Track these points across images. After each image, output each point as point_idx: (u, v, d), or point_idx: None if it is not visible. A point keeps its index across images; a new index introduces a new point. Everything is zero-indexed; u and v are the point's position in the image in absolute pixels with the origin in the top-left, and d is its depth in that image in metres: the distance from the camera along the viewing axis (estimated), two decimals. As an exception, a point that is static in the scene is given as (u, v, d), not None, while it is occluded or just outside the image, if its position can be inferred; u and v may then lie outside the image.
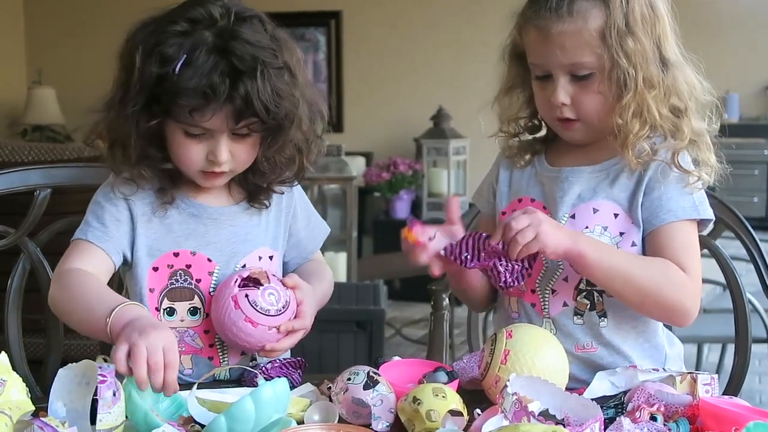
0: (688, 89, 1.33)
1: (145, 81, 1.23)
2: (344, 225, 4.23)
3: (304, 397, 1.22)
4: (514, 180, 1.45)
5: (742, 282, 1.55)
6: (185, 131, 1.27)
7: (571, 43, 1.28)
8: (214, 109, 1.23)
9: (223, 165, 1.29)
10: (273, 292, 1.29)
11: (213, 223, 1.37)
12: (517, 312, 1.41)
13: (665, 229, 1.32)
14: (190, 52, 1.21)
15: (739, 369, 1.54)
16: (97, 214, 1.34)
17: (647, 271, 1.27)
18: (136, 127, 1.26)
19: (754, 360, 1.58)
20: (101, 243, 1.31)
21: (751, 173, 7.14)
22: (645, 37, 1.29)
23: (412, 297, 4.69)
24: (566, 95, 1.32)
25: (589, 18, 1.28)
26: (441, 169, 5.35)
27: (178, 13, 1.26)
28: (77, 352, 2.70)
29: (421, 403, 1.10)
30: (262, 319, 1.27)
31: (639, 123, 1.30)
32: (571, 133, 1.37)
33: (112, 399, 1.05)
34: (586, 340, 1.35)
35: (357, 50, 5.89)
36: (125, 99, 1.26)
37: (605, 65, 1.29)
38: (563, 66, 1.30)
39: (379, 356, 3.17)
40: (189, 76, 1.21)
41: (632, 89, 1.28)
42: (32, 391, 1.22)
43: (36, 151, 2.78)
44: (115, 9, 6.17)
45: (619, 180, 1.35)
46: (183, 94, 1.21)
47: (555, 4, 1.29)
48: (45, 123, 6.23)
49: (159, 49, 1.23)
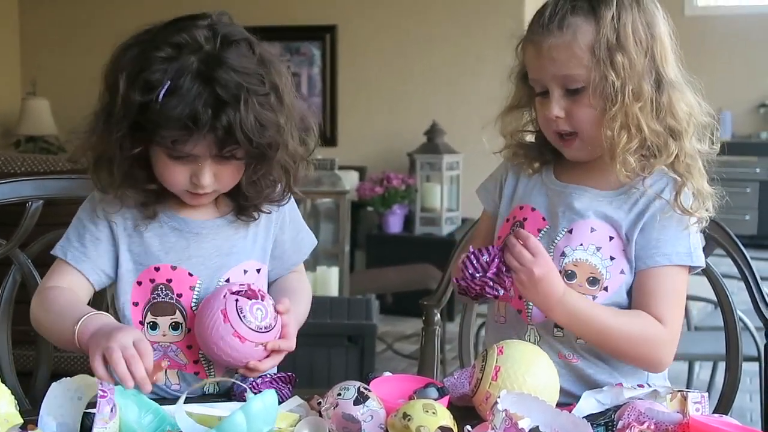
0: (687, 111, 1.34)
1: (129, 108, 1.22)
2: (337, 239, 4.23)
3: (294, 412, 1.22)
4: (519, 186, 1.47)
5: (733, 300, 1.56)
6: (168, 154, 1.27)
7: (560, 55, 1.32)
8: (196, 139, 1.23)
9: (206, 188, 1.29)
10: (261, 308, 1.28)
11: (195, 237, 1.36)
12: (504, 317, 1.44)
13: (656, 271, 1.34)
14: (174, 79, 1.20)
15: (729, 387, 1.54)
16: (79, 232, 1.35)
17: (623, 332, 1.32)
18: (120, 150, 1.26)
19: (745, 378, 1.58)
20: (78, 264, 1.34)
21: (743, 191, 7.17)
22: (637, 54, 1.32)
23: (404, 312, 4.69)
24: (560, 109, 1.34)
25: (578, 32, 1.31)
26: (434, 184, 5.35)
27: (162, 37, 1.24)
28: (67, 364, 2.69)
29: (412, 419, 1.09)
30: (251, 335, 1.26)
31: (627, 135, 1.32)
32: (571, 151, 1.39)
33: (109, 415, 1.05)
34: (567, 351, 1.37)
35: (351, 64, 5.90)
36: (109, 124, 1.25)
37: (594, 79, 1.31)
38: (556, 78, 1.33)
39: (370, 371, 3.17)
40: (173, 105, 1.19)
41: (619, 101, 1.31)
42: (21, 404, 1.22)
43: (29, 162, 2.77)
44: (110, 22, 6.18)
45: (622, 208, 1.37)
46: (165, 125, 1.21)
47: (547, 20, 1.33)
48: (38, 134, 6.22)
49: (143, 75, 1.21)
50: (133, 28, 1.31)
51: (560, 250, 1.37)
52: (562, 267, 1.36)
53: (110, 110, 1.25)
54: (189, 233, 1.36)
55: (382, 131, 5.85)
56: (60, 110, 6.15)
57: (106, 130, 1.26)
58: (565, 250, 1.37)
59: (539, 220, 1.41)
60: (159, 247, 1.35)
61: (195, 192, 1.30)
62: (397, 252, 5.11)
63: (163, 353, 1.35)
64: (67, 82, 6.33)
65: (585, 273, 1.36)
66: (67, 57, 6.37)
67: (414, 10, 5.73)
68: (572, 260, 1.36)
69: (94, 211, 1.35)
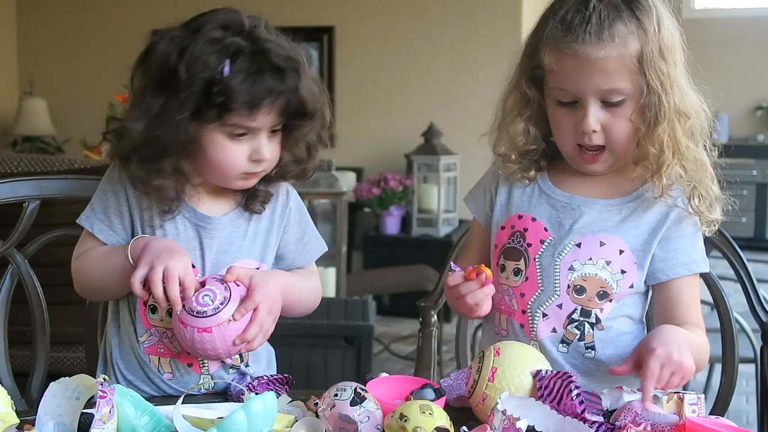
0: (696, 118, 1.33)
1: (194, 87, 1.24)
2: (334, 240, 4.22)
3: (290, 412, 1.21)
4: (515, 193, 1.43)
5: (729, 302, 1.56)
6: (229, 134, 1.29)
7: (614, 68, 1.26)
8: (268, 104, 1.26)
9: (268, 160, 1.32)
10: (207, 293, 1.25)
11: (202, 230, 1.36)
12: (506, 330, 1.41)
13: (679, 282, 1.35)
14: (233, 55, 1.25)
15: (725, 389, 1.55)
16: (103, 204, 1.36)
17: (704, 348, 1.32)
18: (177, 136, 1.27)
19: (741, 380, 1.58)
20: (105, 237, 1.35)
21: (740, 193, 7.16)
22: (672, 65, 1.29)
23: (401, 313, 4.69)
24: (597, 122, 1.29)
25: (628, 42, 1.26)
26: (432, 185, 5.35)
27: (207, 21, 1.28)
28: (63, 364, 2.69)
29: (408, 420, 1.09)
30: (213, 320, 1.23)
31: (671, 152, 1.30)
32: (595, 165, 1.35)
33: (108, 415, 1.05)
34: (567, 368, 1.35)
35: (349, 66, 5.90)
36: (169, 107, 1.26)
37: (639, 91, 1.28)
38: (598, 91, 1.28)
39: (367, 372, 3.17)
40: (239, 78, 1.24)
41: (665, 117, 1.28)
42: (17, 404, 1.21)
43: (26, 162, 2.77)
44: (108, 23, 6.18)
45: (631, 219, 1.35)
46: (234, 98, 1.24)
47: (594, 28, 1.25)
48: (35, 134, 6.21)
49: (200, 56, 1.25)
50: (130, 28, 1.32)
51: (568, 264, 1.35)
52: (570, 281, 1.35)
53: (170, 94, 1.26)
54: (197, 225, 1.36)
55: (379, 132, 5.85)
56: (57, 110, 6.14)
57: (166, 112, 1.26)
58: (573, 264, 1.35)
59: (541, 231, 1.38)
60: (168, 233, 1.35)
61: (252, 171, 1.32)
62: (395, 253, 5.11)
63: (158, 338, 1.35)
64: (64, 82, 6.33)
65: (595, 287, 1.35)
66: (64, 57, 6.36)
67: (411, 12, 5.73)
68: (581, 275, 1.35)
69: (116, 182, 1.36)
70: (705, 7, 7.62)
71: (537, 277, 1.36)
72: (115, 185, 1.36)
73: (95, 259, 1.34)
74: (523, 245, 1.39)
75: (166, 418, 1.14)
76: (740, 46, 7.30)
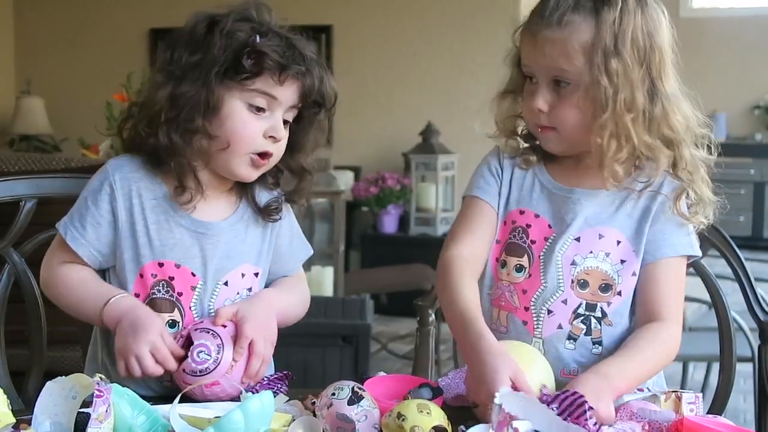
0: (684, 123, 1.33)
1: (228, 46, 1.29)
2: (332, 239, 4.23)
3: (287, 411, 1.21)
4: (514, 187, 1.43)
5: (727, 301, 1.56)
6: (250, 105, 1.31)
7: (552, 50, 1.30)
8: (295, 74, 1.31)
9: (282, 138, 1.34)
10: (201, 349, 1.26)
11: (200, 237, 1.36)
12: (505, 327, 1.39)
13: (664, 263, 1.35)
14: (261, 33, 1.31)
15: (723, 388, 1.55)
16: (81, 212, 1.35)
17: (657, 365, 1.32)
18: (203, 94, 1.29)
19: (738, 379, 1.58)
20: (76, 246, 1.34)
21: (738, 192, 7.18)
22: (633, 62, 1.29)
23: (399, 312, 4.69)
24: (544, 102, 1.33)
25: (576, 31, 1.29)
26: (429, 184, 5.36)
27: (222, 15, 1.33)
28: (60, 364, 2.68)
29: (406, 419, 1.09)
30: (209, 377, 1.25)
31: (616, 145, 1.30)
32: (545, 140, 1.38)
33: (104, 414, 1.04)
34: (573, 366, 1.34)
35: (347, 65, 5.90)
36: (199, 64, 1.30)
37: (584, 81, 1.30)
38: (545, 69, 1.32)
39: (364, 371, 3.18)
40: (269, 46, 1.30)
41: (610, 109, 1.29)
42: (14, 403, 1.21)
43: (23, 161, 2.77)
44: (106, 22, 6.17)
45: (625, 207, 1.36)
46: (271, 54, 1.29)
47: (548, 12, 1.31)
48: (33, 133, 6.21)
49: (232, 27, 1.30)
50: (128, 28, 1.32)
51: (570, 259, 1.35)
52: (574, 276, 1.34)
53: (199, 55, 1.30)
54: (194, 232, 1.36)
55: (377, 131, 5.85)
56: (54, 109, 6.15)
57: (199, 69, 1.30)
58: (575, 259, 1.35)
59: (545, 228, 1.38)
60: (163, 242, 1.34)
61: (264, 151, 1.33)
62: (392, 252, 5.11)
63: None
64: (61, 81, 6.33)
65: (597, 280, 1.35)
66: (61, 56, 6.36)
67: (410, 11, 5.74)
68: (584, 269, 1.35)
69: (101, 189, 1.34)
70: (703, 6, 7.62)
71: (540, 274, 1.36)
72: (96, 192, 1.34)
73: (68, 289, 1.35)
74: (526, 242, 1.39)
75: (163, 417, 1.14)
76: (738, 45, 7.30)
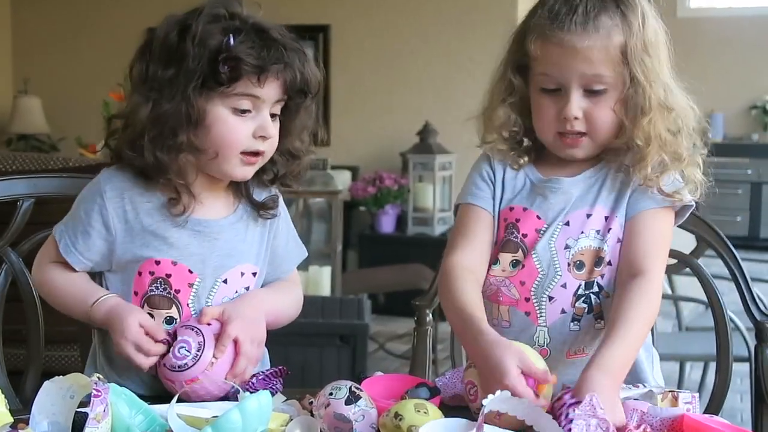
0: (682, 114, 1.36)
1: (201, 56, 1.26)
2: (329, 239, 4.23)
3: (285, 412, 1.21)
4: (507, 188, 1.44)
5: (723, 301, 1.56)
6: (234, 109, 1.30)
7: (597, 56, 1.31)
8: (275, 72, 1.29)
9: (272, 136, 1.33)
10: (182, 345, 1.27)
11: (197, 235, 1.36)
12: (508, 321, 1.40)
13: (643, 215, 1.36)
14: (236, 32, 1.27)
15: (720, 387, 1.55)
16: (73, 221, 1.36)
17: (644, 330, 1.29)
18: (185, 109, 1.27)
19: (735, 378, 1.58)
20: (66, 254, 1.35)
21: (735, 192, 7.19)
22: (656, 59, 1.33)
23: (397, 311, 4.68)
24: (579, 109, 1.34)
25: (612, 34, 1.31)
26: (427, 184, 5.35)
27: (197, 9, 1.30)
28: (58, 363, 2.68)
29: (403, 418, 1.09)
30: (188, 373, 1.25)
31: (656, 144, 1.33)
32: (575, 150, 1.38)
33: (102, 414, 1.04)
34: (578, 345, 1.36)
35: (345, 64, 5.89)
36: (176, 80, 1.27)
37: (622, 82, 1.32)
38: (582, 77, 1.32)
39: (361, 371, 3.17)
40: (246, 46, 1.27)
41: (650, 109, 1.32)
42: (11, 403, 1.21)
43: (20, 161, 2.77)
44: (103, 21, 6.16)
45: (607, 183, 1.39)
46: (247, 58, 1.26)
47: (580, 18, 1.31)
48: (30, 132, 6.20)
49: (204, 30, 1.27)
50: (126, 27, 1.32)
51: (563, 244, 1.37)
52: (569, 259, 1.36)
53: (174, 70, 1.27)
54: (191, 230, 1.35)
55: (374, 131, 5.85)
56: (52, 108, 6.13)
57: (174, 85, 1.27)
58: (568, 242, 1.37)
59: (534, 219, 1.40)
60: (161, 241, 1.34)
61: (255, 150, 1.32)
62: (390, 252, 5.11)
63: None
64: (59, 80, 6.32)
65: (591, 258, 1.36)
66: (59, 55, 6.35)
67: (407, 11, 5.73)
68: (578, 250, 1.36)
69: (93, 200, 1.34)
70: (700, 6, 7.63)
71: (535, 264, 1.37)
72: (87, 202, 1.35)
73: (57, 289, 1.37)
74: (518, 236, 1.40)
75: (161, 416, 1.14)
76: (735, 46, 7.32)
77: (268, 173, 1.41)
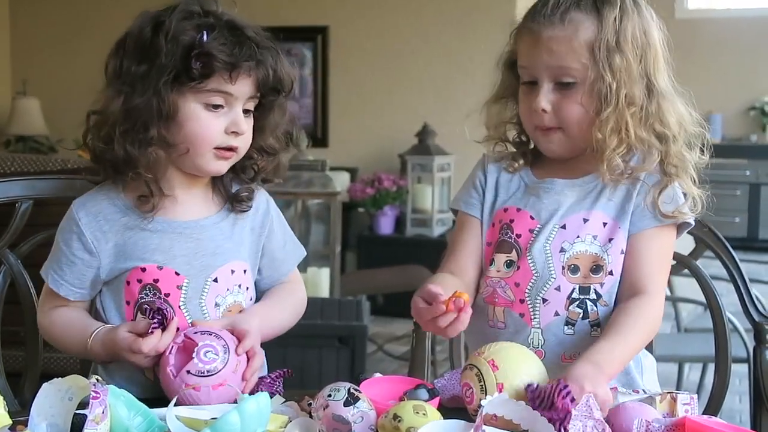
0: (677, 121, 1.36)
1: (174, 51, 1.27)
2: (328, 240, 4.22)
3: (283, 413, 1.21)
4: (500, 191, 1.45)
5: (722, 302, 1.56)
6: (206, 104, 1.30)
7: (558, 47, 1.32)
8: (248, 69, 1.29)
9: (244, 132, 1.33)
10: (208, 349, 1.25)
11: (178, 237, 1.36)
12: (503, 322, 1.40)
13: (645, 234, 1.36)
14: (209, 29, 1.28)
15: (718, 388, 1.55)
16: (57, 255, 1.37)
17: (640, 342, 1.31)
18: (156, 104, 1.27)
19: (734, 379, 1.58)
20: (57, 288, 1.37)
21: (733, 193, 7.20)
22: (633, 58, 1.33)
23: (395, 313, 4.68)
24: (548, 102, 1.35)
25: (580, 28, 1.33)
26: (425, 185, 5.36)
27: (171, 6, 1.31)
28: (56, 365, 2.68)
29: (402, 420, 1.09)
30: (219, 377, 1.23)
31: (617, 140, 1.34)
32: (549, 143, 1.39)
33: (101, 416, 1.04)
34: (574, 350, 1.35)
35: (343, 66, 5.90)
36: (148, 75, 1.28)
37: (589, 77, 1.33)
38: (549, 69, 1.34)
39: (360, 372, 3.17)
40: (219, 43, 1.27)
41: (613, 104, 1.32)
42: (10, 405, 1.21)
43: (19, 162, 2.77)
44: (102, 22, 6.15)
45: (605, 192, 1.39)
46: (219, 55, 1.27)
47: (550, 11, 1.34)
48: (29, 134, 6.20)
49: (177, 27, 1.27)
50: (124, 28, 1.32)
51: (558, 247, 1.37)
52: (564, 263, 1.36)
53: (151, 61, 1.28)
54: (172, 233, 1.36)
55: (373, 132, 5.85)
56: (50, 110, 6.13)
57: (146, 80, 1.28)
58: (563, 245, 1.37)
59: (527, 220, 1.40)
60: (143, 249, 1.34)
61: (228, 146, 1.33)
62: (388, 253, 5.11)
63: None
64: (57, 81, 6.31)
65: (588, 263, 1.36)
66: (57, 57, 6.35)
67: (406, 12, 5.74)
68: (573, 254, 1.37)
69: (70, 230, 1.36)
70: (698, 7, 7.63)
71: (530, 266, 1.37)
72: (66, 234, 1.36)
73: (57, 335, 1.39)
74: (512, 237, 1.41)
75: (160, 418, 1.14)
76: (733, 47, 7.32)
77: (248, 171, 1.42)
